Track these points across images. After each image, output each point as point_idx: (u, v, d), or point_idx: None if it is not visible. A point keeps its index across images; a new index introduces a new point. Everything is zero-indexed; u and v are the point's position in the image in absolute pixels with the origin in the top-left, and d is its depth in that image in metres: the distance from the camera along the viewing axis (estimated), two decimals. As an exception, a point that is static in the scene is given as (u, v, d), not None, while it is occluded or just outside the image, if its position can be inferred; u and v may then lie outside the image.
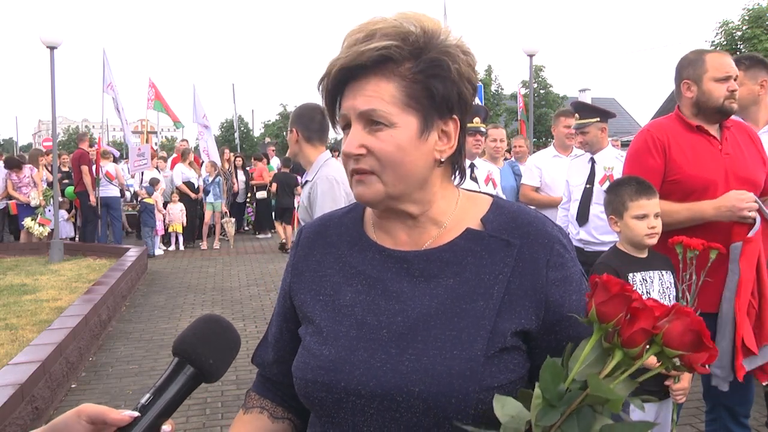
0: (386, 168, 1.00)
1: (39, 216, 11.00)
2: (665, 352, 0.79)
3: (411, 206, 1.05)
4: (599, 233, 4.15)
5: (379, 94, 0.99)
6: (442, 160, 1.04)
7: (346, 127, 1.04)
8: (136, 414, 0.83)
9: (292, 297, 1.15)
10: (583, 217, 4.33)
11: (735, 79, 2.67)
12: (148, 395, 0.86)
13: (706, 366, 0.80)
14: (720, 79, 2.65)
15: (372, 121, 0.99)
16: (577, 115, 4.52)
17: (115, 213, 11.86)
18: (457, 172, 1.11)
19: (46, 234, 10.82)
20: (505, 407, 0.83)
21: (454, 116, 1.04)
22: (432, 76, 0.99)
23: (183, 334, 0.92)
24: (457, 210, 1.09)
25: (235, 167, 14.30)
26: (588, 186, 4.36)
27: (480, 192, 1.18)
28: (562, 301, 1.01)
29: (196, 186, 12.56)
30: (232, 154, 14.81)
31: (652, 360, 0.82)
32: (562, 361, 0.86)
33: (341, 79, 1.02)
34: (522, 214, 1.08)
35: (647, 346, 0.80)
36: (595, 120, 4.39)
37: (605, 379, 0.81)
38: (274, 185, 12.48)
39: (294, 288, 1.15)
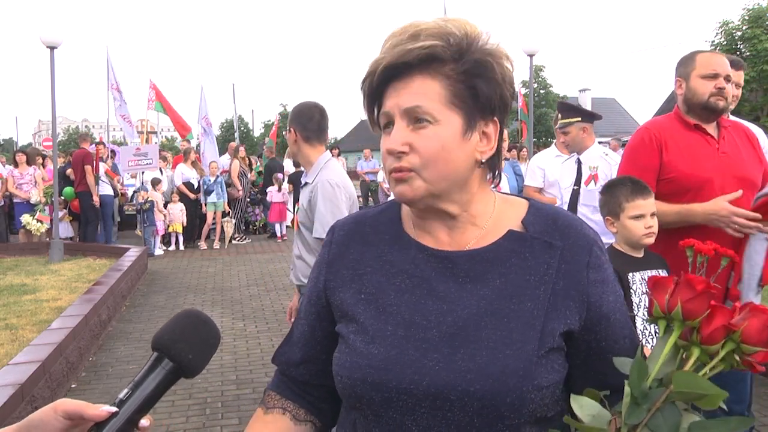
0: (428, 166, 1.00)
1: (38, 212, 10.99)
2: (741, 349, 0.81)
3: (451, 206, 1.06)
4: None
5: (425, 92, 1.00)
6: (483, 161, 1.05)
7: (388, 125, 1.04)
8: (114, 409, 0.82)
9: (329, 295, 1.14)
10: None
11: (727, 79, 2.66)
12: (126, 390, 0.85)
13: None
14: (706, 76, 2.66)
15: (416, 119, 1.00)
16: (559, 115, 4.51)
17: (108, 212, 11.83)
18: (494, 174, 1.11)
19: (44, 231, 10.80)
20: (584, 407, 0.84)
21: (495, 118, 1.05)
22: (476, 76, 1.01)
23: (162, 329, 0.90)
24: (495, 212, 1.10)
25: (250, 166, 14.40)
26: (575, 188, 4.34)
27: (515, 195, 1.19)
28: (601, 302, 1.04)
29: (195, 186, 12.57)
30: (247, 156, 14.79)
31: None
32: (638, 358, 0.87)
33: (384, 79, 1.03)
34: (561, 216, 1.09)
35: (724, 342, 0.81)
36: (575, 120, 4.37)
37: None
38: (290, 186, 12.92)
39: (330, 286, 1.13)
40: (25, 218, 10.87)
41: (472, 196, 1.07)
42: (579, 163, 4.39)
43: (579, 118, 4.38)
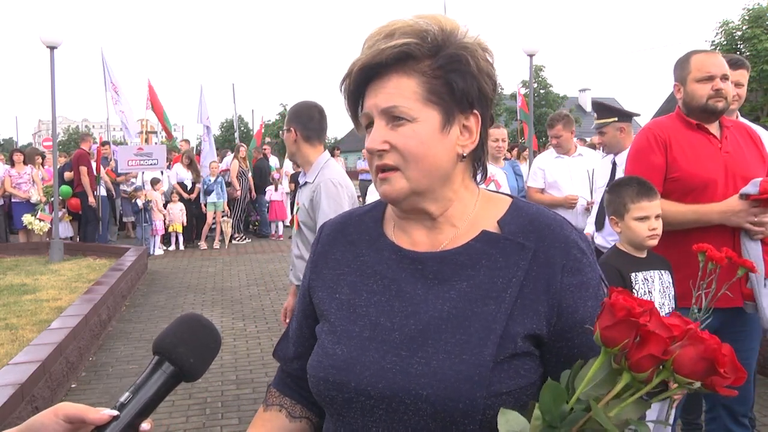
0: (410, 163, 1.01)
1: (39, 212, 10.98)
2: (677, 379, 0.76)
3: (432, 204, 1.06)
4: (614, 239, 4.07)
5: (400, 91, 1.01)
6: (465, 154, 1.06)
7: (369, 125, 1.05)
8: (115, 412, 0.83)
9: (311, 294, 1.16)
10: (599, 223, 4.27)
11: (724, 78, 2.65)
12: (127, 393, 0.85)
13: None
14: (702, 79, 2.65)
15: (394, 117, 1.01)
16: (595, 114, 4.46)
17: (103, 213, 11.83)
18: (479, 169, 1.11)
19: (46, 230, 10.78)
20: (509, 422, 0.80)
21: (475, 111, 1.05)
22: (451, 71, 1.01)
23: (163, 333, 0.91)
24: (474, 211, 1.09)
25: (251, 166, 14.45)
26: (607, 189, 4.31)
27: (500, 192, 1.18)
28: (576, 308, 0.99)
29: (189, 187, 12.56)
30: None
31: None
32: (569, 379, 0.83)
33: (363, 79, 1.04)
34: (541, 216, 1.06)
35: (659, 370, 0.76)
36: (612, 120, 4.31)
37: (613, 400, 0.78)
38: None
39: (313, 285, 1.16)
40: (27, 218, 10.84)
41: (454, 193, 1.07)
42: (614, 164, 4.33)
43: (615, 118, 4.31)
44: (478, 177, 1.12)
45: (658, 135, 2.71)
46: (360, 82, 1.04)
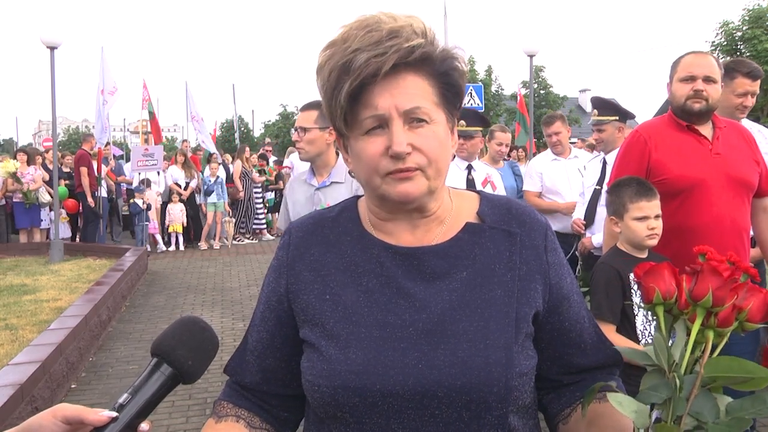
0: (431, 163, 1.01)
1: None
2: (743, 326, 0.86)
3: (434, 203, 1.07)
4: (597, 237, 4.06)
5: (419, 92, 0.99)
6: (455, 154, 1.08)
7: (377, 128, 0.99)
8: (114, 414, 0.83)
9: (292, 300, 1.09)
10: (589, 220, 4.31)
11: (707, 80, 2.62)
12: (125, 395, 0.86)
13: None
14: (684, 79, 2.66)
15: (412, 119, 0.99)
16: (595, 111, 4.44)
17: (103, 213, 11.83)
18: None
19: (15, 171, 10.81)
20: (624, 404, 0.85)
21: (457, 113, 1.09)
22: (454, 73, 1.03)
23: (162, 335, 0.92)
24: (453, 206, 1.11)
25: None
26: (597, 188, 4.30)
27: (463, 189, 1.21)
28: (561, 283, 1.08)
29: (182, 188, 12.55)
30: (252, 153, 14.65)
31: None
32: (667, 347, 0.88)
33: (365, 79, 0.96)
34: (513, 204, 1.13)
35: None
36: (613, 118, 4.31)
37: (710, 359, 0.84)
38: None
39: (293, 289, 1.09)
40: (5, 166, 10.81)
41: (444, 191, 1.10)
42: (604, 162, 4.34)
43: (616, 117, 4.31)
44: None
45: (643, 138, 2.72)
46: (363, 82, 0.96)
